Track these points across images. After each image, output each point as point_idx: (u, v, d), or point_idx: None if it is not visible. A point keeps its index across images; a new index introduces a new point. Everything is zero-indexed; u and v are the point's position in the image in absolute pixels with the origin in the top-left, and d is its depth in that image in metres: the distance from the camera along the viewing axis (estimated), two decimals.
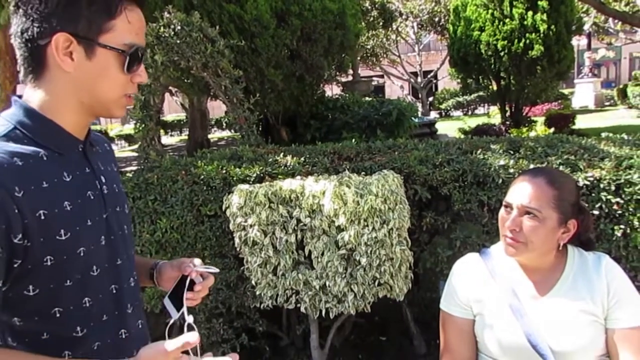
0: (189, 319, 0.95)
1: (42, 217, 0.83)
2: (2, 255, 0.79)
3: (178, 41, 3.42)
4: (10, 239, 0.80)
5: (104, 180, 0.99)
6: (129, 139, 19.98)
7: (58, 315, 0.89)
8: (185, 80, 6.33)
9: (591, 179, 2.22)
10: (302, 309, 2.50)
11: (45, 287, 0.86)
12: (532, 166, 2.38)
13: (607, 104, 20.91)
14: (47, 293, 0.87)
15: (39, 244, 0.83)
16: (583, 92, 20.90)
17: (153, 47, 3.39)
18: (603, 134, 2.75)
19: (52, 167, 0.88)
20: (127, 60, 0.90)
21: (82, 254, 0.90)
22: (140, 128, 3.37)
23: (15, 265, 0.82)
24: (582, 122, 12.74)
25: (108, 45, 0.88)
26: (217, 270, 1.08)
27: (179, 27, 3.45)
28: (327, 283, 2.40)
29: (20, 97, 0.92)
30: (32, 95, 0.90)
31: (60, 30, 0.85)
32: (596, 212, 2.19)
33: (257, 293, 2.53)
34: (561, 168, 2.30)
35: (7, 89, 4.37)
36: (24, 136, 0.87)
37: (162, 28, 3.47)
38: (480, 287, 1.44)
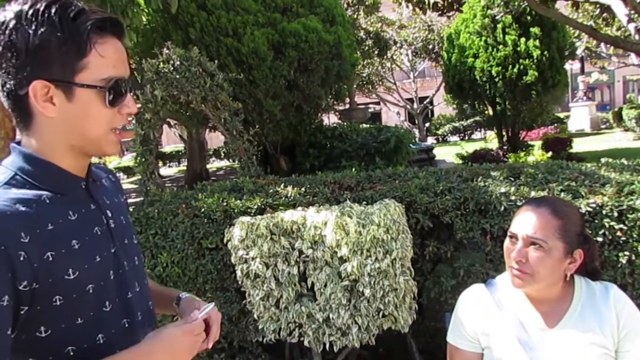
0: None
1: (50, 259, 0.83)
2: (9, 303, 0.78)
3: (177, 76, 3.46)
4: (16, 287, 0.79)
5: (110, 215, 0.99)
6: (127, 171, 19.99)
7: (72, 353, 0.88)
8: (184, 113, 6.39)
9: (593, 205, 2.21)
10: (306, 343, 2.46)
11: (57, 327, 0.86)
12: (533, 193, 2.38)
13: (603, 126, 21.09)
14: (59, 333, 0.86)
15: (48, 285, 0.83)
16: (579, 115, 21.10)
17: (153, 82, 3.43)
18: (602, 160, 2.76)
19: (56, 209, 0.88)
20: (107, 95, 0.89)
21: (91, 291, 0.89)
22: (140, 162, 3.38)
23: (22, 312, 0.81)
24: (579, 146, 12.82)
25: (85, 84, 0.87)
26: (212, 305, 1.07)
27: (178, 62, 3.50)
28: (331, 315, 2.37)
29: (19, 143, 0.93)
30: (26, 142, 0.91)
31: (35, 78, 0.84)
32: (600, 239, 2.18)
33: (260, 327, 2.49)
34: (562, 195, 2.30)
35: (7, 127, 4.40)
36: (25, 181, 0.87)
37: (161, 64, 3.52)
38: (488, 319, 1.42)
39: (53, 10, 0.84)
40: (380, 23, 18.33)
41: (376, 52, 17.37)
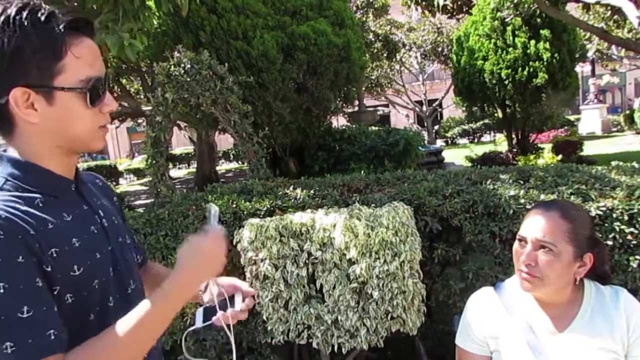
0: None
1: (55, 256, 0.85)
2: (43, 283, 0.82)
3: (188, 79, 3.50)
4: (44, 269, 0.83)
5: (102, 214, 1.01)
6: (137, 172, 20.15)
7: None
8: (195, 116, 6.43)
9: (603, 208, 2.20)
10: (314, 344, 2.47)
11: (72, 324, 0.88)
12: (542, 196, 2.37)
13: (614, 129, 20.90)
14: (76, 330, 0.89)
15: (58, 281, 0.86)
16: (589, 118, 20.94)
17: (164, 85, 3.47)
18: (613, 163, 2.75)
19: (51, 211, 0.90)
20: (88, 96, 0.90)
21: (97, 286, 0.93)
22: (151, 164, 3.41)
23: (55, 293, 0.85)
24: (590, 149, 12.71)
25: (65, 87, 0.87)
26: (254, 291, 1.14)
27: (188, 66, 3.54)
28: (339, 317, 2.38)
29: (4, 151, 0.93)
30: (12, 151, 0.92)
31: (14, 86, 0.84)
32: (610, 243, 2.16)
33: (269, 328, 2.50)
34: (572, 198, 2.30)
35: None
36: (17, 186, 0.88)
37: (172, 67, 3.55)
38: (496, 323, 1.42)
39: (24, 16, 0.84)
40: (389, 26, 18.33)
41: (385, 55, 17.37)
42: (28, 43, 0.83)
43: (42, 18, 0.85)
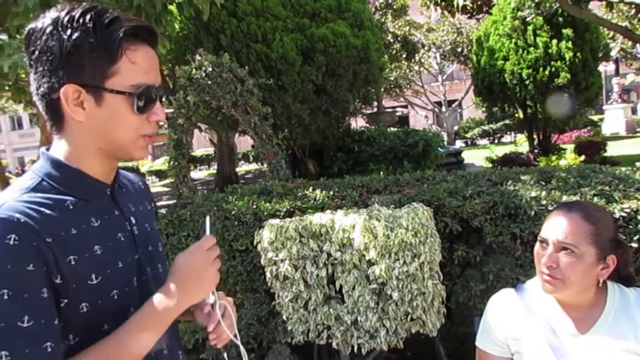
0: None
1: (73, 263, 0.85)
2: (50, 295, 0.82)
3: (209, 82, 3.55)
4: (52, 280, 0.82)
5: (134, 221, 1.00)
6: (159, 174, 20.42)
7: None
8: (215, 118, 6.50)
9: (628, 210, 2.17)
10: (334, 345, 2.48)
11: (84, 334, 0.87)
12: (565, 198, 2.35)
13: (638, 129, 20.43)
14: (87, 340, 0.87)
15: (73, 290, 0.85)
16: (613, 118, 20.50)
17: (185, 88, 3.52)
18: (638, 164, 2.71)
19: (79, 215, 0.90)
20: (135, 101, 0.90)
21: (116, 297, 0.91)
22: (174, 166, 3.47)
23: (62, 305, 0.84)
24: (613, 149, 12.44)
25: (114, 90, 0.88)
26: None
27: (210, 69, 3.59)
28: (359, 318, 2.39)
29: (48, 148, 0.95)
30: (57, 146, 0.93)
31: (68, 82, 0.86)
32: (634, 245, 2.13)
33: (289, 328, 2.53)
34: (595, 199, 2.27)
35: (47, 132, 4.61)
36: (51, 187, 0.89)
37: (193, 70, 3.61)
38: (517, 324, 1.41)
39: (88, 17, 0.86)
40: (408, 26, 18.24)
41: (404, 56, 17.28)
42: (86, 43, 0.85)
43: (105, 21, 0.87)
